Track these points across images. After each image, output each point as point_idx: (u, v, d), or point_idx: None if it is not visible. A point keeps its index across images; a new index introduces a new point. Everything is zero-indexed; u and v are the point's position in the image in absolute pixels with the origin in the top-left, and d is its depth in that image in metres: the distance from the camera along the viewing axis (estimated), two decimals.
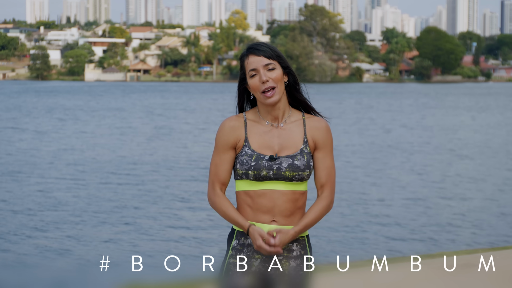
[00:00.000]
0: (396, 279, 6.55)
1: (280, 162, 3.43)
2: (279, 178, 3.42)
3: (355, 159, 28.33)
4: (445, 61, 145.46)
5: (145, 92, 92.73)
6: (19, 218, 17.29)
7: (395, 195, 20.58)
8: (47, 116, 51.80)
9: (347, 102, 73.79)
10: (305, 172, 3.46)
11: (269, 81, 3.45)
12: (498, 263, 7.35)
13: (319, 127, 3.56)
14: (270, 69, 3.47)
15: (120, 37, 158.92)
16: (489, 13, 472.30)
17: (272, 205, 3.43)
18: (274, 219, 3.43)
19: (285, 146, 3.48)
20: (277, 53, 3.51)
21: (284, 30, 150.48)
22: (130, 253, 13.82)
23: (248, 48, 3.50)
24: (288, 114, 3.55)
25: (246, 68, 3.49)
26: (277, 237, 3.37)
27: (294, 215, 3.47)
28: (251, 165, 3.43)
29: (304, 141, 3.51)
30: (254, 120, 3.53)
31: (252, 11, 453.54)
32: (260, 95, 3.46)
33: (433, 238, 15.38)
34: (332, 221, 16.94)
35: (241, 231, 3.46)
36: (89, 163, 27.14)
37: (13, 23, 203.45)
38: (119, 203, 19.27)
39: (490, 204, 19.42)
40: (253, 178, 3.42)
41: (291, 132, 3.51)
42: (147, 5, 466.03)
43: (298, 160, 3.45)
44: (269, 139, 3.48)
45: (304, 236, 3.50)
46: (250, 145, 3.47)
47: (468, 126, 45.61)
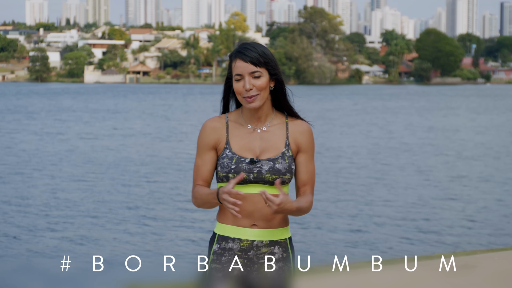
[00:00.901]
0: (393, 280, 6.54)
1: (260, 165, 3.39)
2: (260, 182, 3.38)
3: (354, 160, 28.34)
4: (445, 63, 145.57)
5: (146, 94, 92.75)
6: (15, 219, 17.29)
7: (393, 196, 20.58)
8: (48, 118, 51.82)
9: (346, 103, 73.81)
10: (286, 176, 3.41)
11: (252, 89, 3.40)
12: (497, 265, 7.35)
13: (302, 130, 3.51)
14: (256, 77, 3.41)
15: (120, 39, 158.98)
16: (489, 15, 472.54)
17: (253, 209, 3.38)
18: (254, 223, 3.40)
19: (266, 149, 3.44)
20: (266, 59, 3.42)
21: (284, 32, 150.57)
22: (126, 252, 13.82)
23: (237, 51, 3.44)
24: (271, 118, 3.50)
25: (233, 70, 3.43)
26: (280, 197, 3.26)
27: (275, 219, 3.43)
28: (231, 168, 3.39)
29: (286, 144, 3.46)
30: (236, 122, 3.49)
31: (252, 13, 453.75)
32: (242, 99, 3.42)
33: (431, 239, 15.38)
34: (330, 222, 16.95)
35: (222, 235, 3.44)
36: (88, 164, 27.14)
37: (13, 25, 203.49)
38: (118, 202, 19.27)
39: (489, 205, 19.42)
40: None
41: (273, 135, 3.46)
42: (147, 7, 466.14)
43: (279, 164, 3.41)
44: (250, 142, 3.44)
45: (286, 239, 3.47)
46: (231, 148, 3.43)
47: (468, 127, 45.62)
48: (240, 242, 3.41)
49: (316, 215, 17.71)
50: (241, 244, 3.41)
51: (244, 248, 3.41)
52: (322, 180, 23.47)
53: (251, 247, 3.40)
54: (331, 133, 40.71)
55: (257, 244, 3.40)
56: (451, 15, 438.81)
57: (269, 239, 3.42)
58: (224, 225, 3.45)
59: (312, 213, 17.99)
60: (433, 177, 24.26)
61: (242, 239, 3.41)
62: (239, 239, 3.41)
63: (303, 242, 14.89)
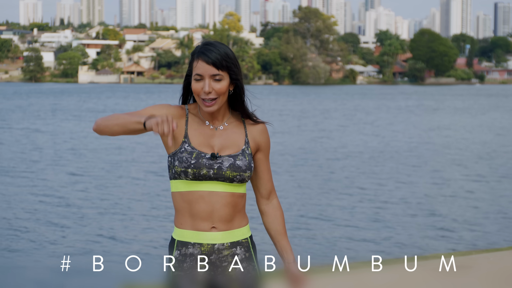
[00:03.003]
0: (393, 280, 6.55)
1: (221, 161, 3.30)
2: (219, 178, 3.29)
3: (354, 160, 28.37)
4: (439, 63, 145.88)
5: (140, 93, 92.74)
6: (15, 218, 17.27)
7: (392, 196, 20.61)
8: (42, 117, 51.78)
9: (340, 103, 73.90)
10: (246, 173, 3.33)
11: (211, 92, 3.30)
12: (494, 265, 7.37)
13: (260, 129, 3.45)
14: (217, 80, 3.30)
15: (114, 39, 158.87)
16: (483, 16, 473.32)
17: (211, 209, 3.30)
18: (214, 226, 3.31)
19: (226, 145, 3.36)
20: (229, 63, 3.31)
21: (278, 32, 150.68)
22: (126, 252, 13.82)
23: (200, 51, 3.33)
24: (228, 117, 3.42)
25: (193, 69, 3.33)
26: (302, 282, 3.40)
27: (234, 220, 3.35)
28: (190, 163, 3.27)
29: (246, 142, 3.40)
30: (195, 115, 3.40)
31: (246, 13, 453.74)
32: (200, 101, 3.33)
33: (430, 239, 15.40)
34: (330, 221, 16.96)
35: (181, 240, 3.35)
36: (88, 164, 27.11)
37: (7, 25, 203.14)
38: (118, 202, 19.26)
39: (486, 205, 19.45)
40: (192, 177, 3.28)
41: (232, 133, 3.39)
42: (141, 7, 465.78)
43: (240, 160, 3.33)
44: (209, 138, 3.36)
45: (247, 238, 3.40)
46: (190, 142, 3.33)
47: (464, 127, 45.71)
48: (201, 246, 3.31)
49: (316, 215, 17.72)
50: (202, 248, 3.31)
51: (206, 253, 3.31)
52: (322, 180, 23.49)
53: (212, 251, 3.31)
54: (331, 133, 40.75)
55: (219, 247, 3.32)
56: (445, 16, 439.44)
57: (230, 241, 3.34)
58: (182, 230, 3.34)
59: (312, 213, 18.00)
60: (433, 177, 24.30)
61: (203, 244, 3.31)
62: (199, 244, 3.30)
63: (303, 242, 14.89)
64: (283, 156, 29.30)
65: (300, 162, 27.82)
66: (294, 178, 23.60)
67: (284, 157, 29.14)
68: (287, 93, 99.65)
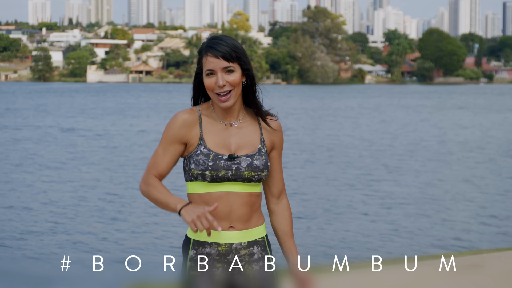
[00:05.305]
0: (393, 280, 6.54)
1: (239, 161, 3.26)
2: (238, 179, 3.25)
3: (355, 160, 28.34)
4: (447, 62, 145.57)
5: (154, 92, 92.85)
6: (15, 218, 17.31)
7: (395, 195, 20.56)
8: (48, 117, 51.90)
9: (349, 103, 73.82)
10: (263, 173, 3.30)
11: (226, 85, 3.25)
12: (504, 264, 7.33)
13: (275, 126, 3.40)
14: (229, 71, 3.26)
15: (122, 38, 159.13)
16: (491, 15, 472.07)
17: (229, 209, 3.27)
18: (231, 225, 3.28)
19: (242, 145, 3.31)
20: (238, 53, 3.28)
21: (286, 32, 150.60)
22: (126, 252, 13.82)
23: (207, 46, 3.31)
24: (243, 113, 3.37)
25: (203, 65, 3.30)
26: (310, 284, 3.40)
27: (251, 219, 3.32)
28: (208, 165, 3.23)
29: (261, 140, 3.35)
30: (209, 116, 3.34)
31: (254, 13, 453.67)
32: (215, 97, 3.28)
33: (432, 239, 15.36)
34: (330, 221, 16.94)
35: (198, 240, 3.29)
36: (88, 163, 27.16)
37: (15, 24, 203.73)
38: (118, 202, 19.27)
39: (495, 204, 19.38)
40: (210, 179, 3.24)
41: (247, 131, 3.34)
42: (149, 7, 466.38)
43: (257, 160, 3.29)
44: (225, 138, 3.31)
45: (264, 237, 3.37)
46: (206, 144, 3.29)
47: (472, 126, 45.59)
48: (218, 246, 3.27)
49: (316, 215, 17.71)
50: (219, 248, 3.27)
51: (223, 252, 3.28)
52: (323, 179, 23.48)
53: (230, 250, 3.28)
54: (330, 132, 40.71)
55: (236, 247, 3.29)
56: (453, 15, 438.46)
57: (248, 240, 3.32)
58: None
59: (312, 213, 17.99)
60: (434, 177, 24.24)
61: (220, 243, 3.28)
62: (217, 243, 3.28)
63: (303, 242, 14.88)
64: (283, 156, 29.30)
65: (300, 163, 27.83)
66: (294, 178, 23.59)
67: (284, 157, 29.15)
68: (297, 92, 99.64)
